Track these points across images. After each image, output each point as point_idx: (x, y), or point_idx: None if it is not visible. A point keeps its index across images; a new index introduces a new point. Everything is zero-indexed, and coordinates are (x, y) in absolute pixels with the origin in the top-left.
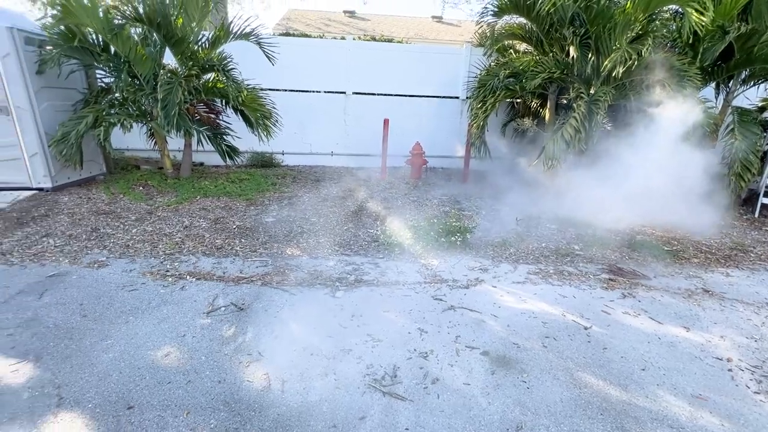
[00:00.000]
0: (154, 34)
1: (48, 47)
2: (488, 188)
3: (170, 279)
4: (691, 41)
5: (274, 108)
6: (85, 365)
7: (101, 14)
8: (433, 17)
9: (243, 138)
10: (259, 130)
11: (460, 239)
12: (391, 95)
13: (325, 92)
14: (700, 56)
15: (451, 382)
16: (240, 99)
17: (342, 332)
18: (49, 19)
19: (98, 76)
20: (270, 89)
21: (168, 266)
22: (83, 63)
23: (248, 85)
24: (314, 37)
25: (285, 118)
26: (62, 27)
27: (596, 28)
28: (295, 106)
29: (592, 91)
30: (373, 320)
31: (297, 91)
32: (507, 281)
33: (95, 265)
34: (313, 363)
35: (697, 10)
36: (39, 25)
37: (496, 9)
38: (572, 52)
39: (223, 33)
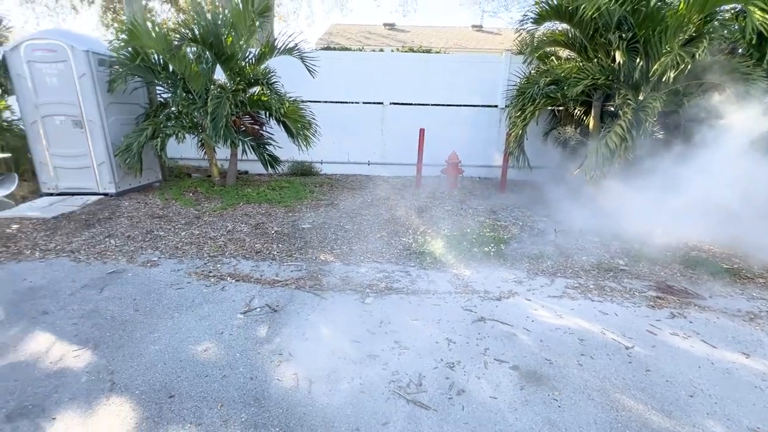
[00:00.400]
0: (207, 53)
1: (116, 67)
2: (526, 198)
3: (212, 279)
4: (756, 42)
5: (314, 119)
6: (135, 355)
7: (162, 36)
8: (473, 27)
9: (284, 148)
10: (300, 140)
11: (494, 250)
12: (429, 105)
13: (363, 103)
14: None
15: (477, 394)
16: (282, 111)
17: (370, 338)
18: (120, 43)
19: (158, 92)
20: (310, 101)
21: (211, 267)
22: (145, 80)
23: (290, 97)
24: (353, 50)
25: (324, 128)
26: (129, 49)
27: (645, 32)
28: (333, 116)
29: (640, 98)
30: (401, 328)
31: (336, 102)
32: (542, 295)
33: (148, 264)
34: (339, 366)
35: (761, 9)
36: (110, 48)
37: (536, 16)
38: (618, 57)
39: (269, 49)
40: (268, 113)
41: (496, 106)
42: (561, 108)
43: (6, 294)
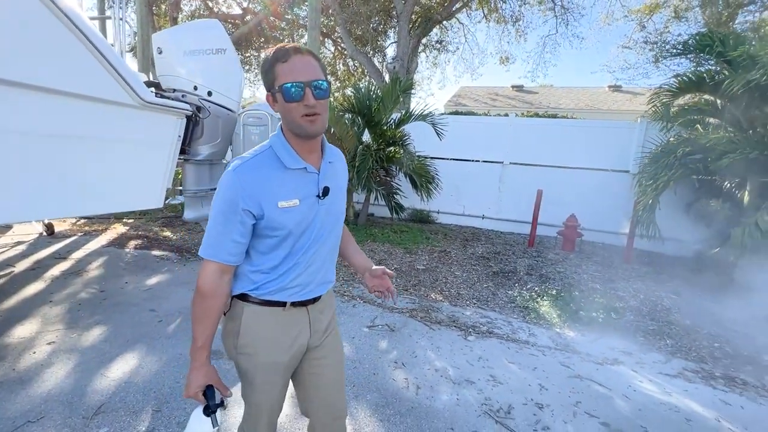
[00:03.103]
0: (359, 119)
1: None
2: (654, 272)
3: (346, 297)
4: None
5: (437, 174)
6: None
7: (332, 108)
8: (610, 87)
9: (408, 197)
10: (422, 192)
11: (603, 317)
12: (551, 166)
13: (483, 161)
14: None
15: None
16: (411, 167)
17: (468, 368)
18: None
19: None
20: (434, 157)
21: (345, 289)
22: None
23: (418, 154)
24: (479, 115)
25: (444, 181)
26: None
27: None
28: (454, 172)
29: None
30: (497, 366)
31: (458, 159)
32: (653, 370)
33: None
34: (441, 382)
35: None
36: None
37: (675, 90)
38: None
39: (407, 116)
40: (398, 167)
41: (627, 172)
42: (707, 179)
43: None
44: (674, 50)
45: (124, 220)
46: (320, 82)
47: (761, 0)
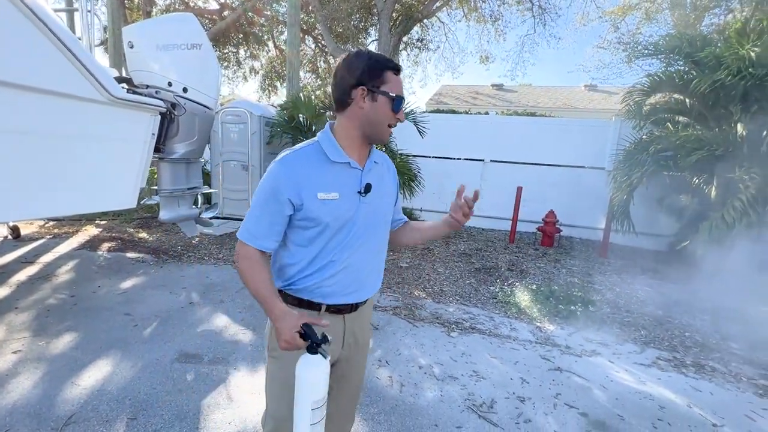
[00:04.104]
0: None
1: (274, 127)
2: (629, 265)
3: None
4: None
5: (419, 172)
6: None
7: (313, 106)
8: (586, 86)
9: None
10: (405, 190)
11: (581, 310)
12: (530, 164)
13: (464, 159)
14: None
15: (542, 426)
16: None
17: (452, 364)
18: (283, 111)
19: None
20: (416, 155)
21: None
22: (294, 137)
23: (400, 153)
24: (460, 113)
25: (426, 179)
26: (286, 115)
27: None
28: (436, 170)
29: None
30: (480, 361)
31: (439, 157)
32: (628, 361)
33: None
34: (425, 379)
35: None
36: (275, 114)
37: (647, 89)
38: (740, 129)
39: None
40: None
41: (603, 168)
42: (677, 175)
43: (197, 286)
44: (646, 51)
45: (97, 221)
46: None
47: (726, 3)
